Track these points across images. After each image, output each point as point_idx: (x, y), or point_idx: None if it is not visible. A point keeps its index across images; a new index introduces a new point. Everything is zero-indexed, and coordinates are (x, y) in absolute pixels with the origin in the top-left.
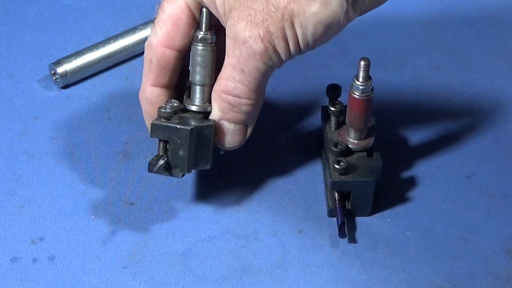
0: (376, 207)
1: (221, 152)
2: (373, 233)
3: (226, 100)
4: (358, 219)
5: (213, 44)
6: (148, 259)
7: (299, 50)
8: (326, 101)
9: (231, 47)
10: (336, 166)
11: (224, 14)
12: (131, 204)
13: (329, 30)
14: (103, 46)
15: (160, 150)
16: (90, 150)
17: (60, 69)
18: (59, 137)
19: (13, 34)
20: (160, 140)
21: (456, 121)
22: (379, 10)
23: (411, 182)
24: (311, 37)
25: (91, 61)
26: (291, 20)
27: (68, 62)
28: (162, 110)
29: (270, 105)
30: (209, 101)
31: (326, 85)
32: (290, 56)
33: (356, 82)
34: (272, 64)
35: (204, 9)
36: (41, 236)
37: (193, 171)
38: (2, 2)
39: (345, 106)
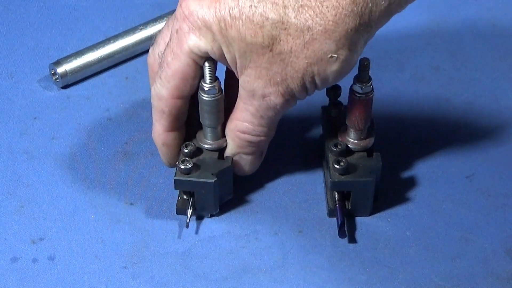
0: (376, 207)
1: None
2: (373, 233)
3: (245, 139)
4: (358, 219)
5: (219, 93)
6: (148, 259)
7: (316, 90)
8: (326, 101)
9: (247, 97)
10: (336, 166)
11: (236, 69)
12: (131, 204)
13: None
14: (103, 46)
15: (185, 194)
16: (90, 150)
17: (60, 69)
18: (59, 137)
19: (13, 34)
20: None
21: (456, 121)
22: None
23: (411, 182)
24: (330, 83)
25: (91, 61)
26: (311, 77)
27: (68, 62)
28: (182, 166)
29: None
30: (223, 136)
31: None
32: (307, 96)
33: (356, 82)
34: (291, 107)
35: (206, 63)
36: (41, 236)
37: None
38: (2, 2)
39: (345, 106)
